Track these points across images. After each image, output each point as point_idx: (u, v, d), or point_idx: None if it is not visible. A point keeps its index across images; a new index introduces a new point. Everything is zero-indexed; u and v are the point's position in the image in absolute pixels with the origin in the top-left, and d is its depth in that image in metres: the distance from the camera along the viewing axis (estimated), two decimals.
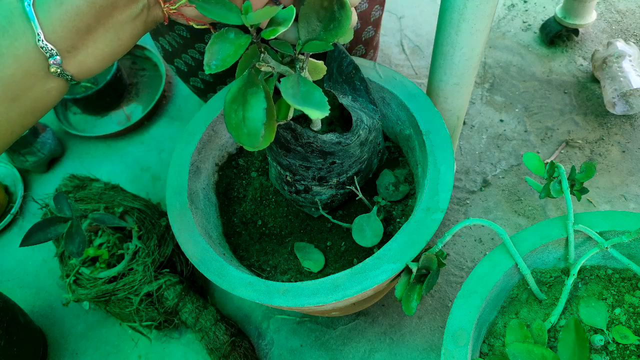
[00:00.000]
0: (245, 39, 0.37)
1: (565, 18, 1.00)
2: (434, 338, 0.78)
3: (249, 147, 0.37)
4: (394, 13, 1.18)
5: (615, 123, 0.94)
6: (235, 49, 0.36)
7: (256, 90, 0.37)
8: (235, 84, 0.38)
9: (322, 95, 0.38)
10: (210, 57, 0.36)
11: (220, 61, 0.36)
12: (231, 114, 0.37)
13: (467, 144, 0.96)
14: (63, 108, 1.12)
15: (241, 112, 0.37)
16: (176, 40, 0.74)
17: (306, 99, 0.37)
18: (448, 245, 0.85)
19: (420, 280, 0.51)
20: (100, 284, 0.76)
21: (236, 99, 0.37)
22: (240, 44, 0.36)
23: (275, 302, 0.51)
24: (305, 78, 0.40)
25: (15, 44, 0.36)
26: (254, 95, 0.37)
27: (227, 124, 0.37)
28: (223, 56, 0.36)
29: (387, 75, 0.64)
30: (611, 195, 0.87)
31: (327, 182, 0.58)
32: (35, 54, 0.37)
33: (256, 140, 0.37)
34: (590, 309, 0.51)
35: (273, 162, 0.59)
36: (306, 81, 0.39)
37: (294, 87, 0.38)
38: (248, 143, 0.37)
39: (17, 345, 0.74)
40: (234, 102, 0.37)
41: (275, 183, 0.64)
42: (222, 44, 0.36)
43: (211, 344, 0.76)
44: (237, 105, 0.37)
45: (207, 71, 0.35)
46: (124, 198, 0.83)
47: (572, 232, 0.53)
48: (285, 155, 0.55)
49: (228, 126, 0.37)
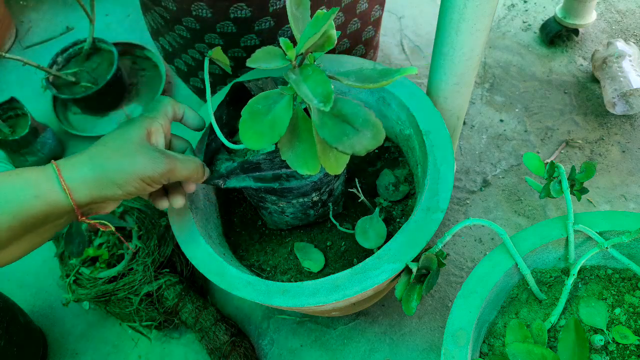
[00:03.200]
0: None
1: (565, 18, 1.00)
2: (434, 338, 0.78)
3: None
4: (394, 13, 1.18)
5: (615, 123, 0.94)
6: None
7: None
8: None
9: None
10: None
11: None
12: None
13: (467, 144, 0.96)
14: (63, 108, 1.12)
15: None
16: (176, 41, 0.74)
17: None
18: (448, 245, 0.85)
19: (420, 280, 0.51)
20: (100, 284, 0.76)
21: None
22: None
23: (275, 302, 0.51)
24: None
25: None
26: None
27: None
28: None
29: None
30: (611, 195, 0.87)
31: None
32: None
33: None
34: (590, 309, 0.51)
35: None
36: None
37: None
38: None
39: (17, 345, 0.74)
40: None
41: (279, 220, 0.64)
42: None
43: (211, 344, 0.76)
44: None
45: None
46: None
47: (572, 232, 0.53)
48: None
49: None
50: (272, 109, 0.40)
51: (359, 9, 0.73)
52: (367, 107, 0.39)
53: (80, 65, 1.07)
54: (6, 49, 1.27)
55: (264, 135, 0.40)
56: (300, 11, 0.43)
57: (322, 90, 0.37)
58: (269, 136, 0.40)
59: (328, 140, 0.37)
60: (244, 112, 0.41)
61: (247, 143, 0.40)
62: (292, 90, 0.41)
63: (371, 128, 0.38)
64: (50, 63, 1.05)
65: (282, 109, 0.40)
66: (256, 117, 0.40)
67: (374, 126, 0.38)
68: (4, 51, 1.10)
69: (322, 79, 0.38)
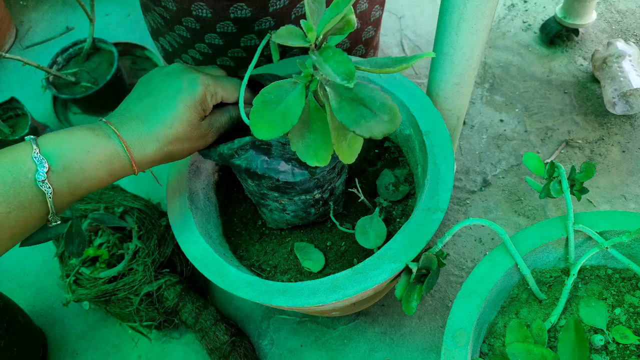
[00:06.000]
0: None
1: (565, 18, 1.00)
2: (434, 338, 0.78)
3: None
4: (394, 13, 1.18)
5: (615, 123, 0.94)
6: None
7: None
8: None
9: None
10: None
11: None
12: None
13: (467, 144, 0.96)
14: (63, 108, 1.12)
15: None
16: (176, 40, 0.74)
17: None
18: (448, 245, 0.85)
19: (420, 280, 0.51)
20: (100, 284, 0.76)
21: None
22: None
23: (275, 302, 0.51)
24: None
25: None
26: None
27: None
28: None
29: (387, 75, 0.64)
30: (611, 195, 0.87)
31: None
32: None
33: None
34: (590, 309, 0.51)
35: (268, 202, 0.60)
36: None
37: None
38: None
39: (17, 345, 0.74)
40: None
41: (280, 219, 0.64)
42: None
43: (211, 344, 0.76)
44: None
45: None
46: (124, 198, 0.83)
47: (572, 232, 0.53)
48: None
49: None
50: (284, 98, 0.40)
51: (359, 8, 0.73)
52: (383, 92, 0.39)
53: (80, 65, 1.07)
54: (6, 49, 1.27)
55: (275, 124, 0.40)
56: (316, 5, 0.43)
57: (345, 69, 0.37)
58: (280, 126, 0.40)
59: (346, 123, 0.37)
60: (255, 102, 0.40)
61: (258, 133, 0.40)
62: (305, 79, 0.41)
63: (388, 112, 0.38)
64: (50, 63, 1.05)
65: (295, 98, 0.40)
66: (268, 106, 0.40)
67: (390, 110, 0.38)
68: (4, 51, 1.10)
69: (343, 59, 0.38)
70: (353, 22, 0.42)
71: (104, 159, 0.45)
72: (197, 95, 0.49)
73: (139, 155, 0.47)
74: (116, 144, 0.46)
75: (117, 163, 0.46)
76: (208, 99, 0.50)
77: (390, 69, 0.38)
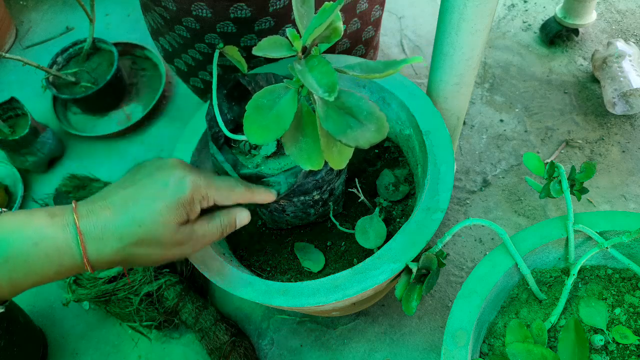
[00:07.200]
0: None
1: (565, 18, 1.00)
2: (434, 338, 0.78)
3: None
4: (394, 13, 1.18)
5: (615, 123, 0.94)
6: None
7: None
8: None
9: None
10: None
11: None
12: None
13: (467, 144, 0.96)
14: (63, 108, 1.12)
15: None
16: (176, 40, 0.74)
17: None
18: (448, 245, 0.85)
19: (420, 280, 0.51)
20: (100, 284, 0.76)
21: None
22: None
23: (275, 302, 0.51)
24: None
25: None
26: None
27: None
28: None
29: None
30: (611, 195, 0.87)
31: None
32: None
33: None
34: (590, 309, 0.51)
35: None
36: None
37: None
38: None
39: (17, 345, 0.74)
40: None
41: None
42: None
43: (211, 344, 0.76)
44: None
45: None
46: None
47: (572, 232, 0.53)
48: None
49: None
50: (276, 103, 0.40)
51: (359, 8, 0.73)
52: (371, 100, 0.39)
53: (80, 65, 1.07)
54: (6, 49, 1.27)
55: (268, 129, 0.40)
56: (305, 8, 0.43)
57: (327, 81, 0.37)
58: (273, 131, 0.40)
59: (332, 132, 0.37)
60: (248, 107, 0.40)
61: (252, 138, 0.40)
62: (297, 84, 0.41)
63: (375, 121, 0.38)
64: (50, 63, 1.05)
65: (287, 103, 0.40)
66: (261, 111, 0.40)
67: (377, 119, 0.38)
68: (4, 51, 1.10)
69: (327, 70, 0.38)
70: (340, 30, 0.42)
71: (52, 253, 0.40)
72: (182, 196, 0.43)
73: (94, 252, 0.42)
74: (70, 237, 0.41)
75: (68, 259, 0.41)
76: (196, 202, 0.45)
77: (377, 75, 0.39)
